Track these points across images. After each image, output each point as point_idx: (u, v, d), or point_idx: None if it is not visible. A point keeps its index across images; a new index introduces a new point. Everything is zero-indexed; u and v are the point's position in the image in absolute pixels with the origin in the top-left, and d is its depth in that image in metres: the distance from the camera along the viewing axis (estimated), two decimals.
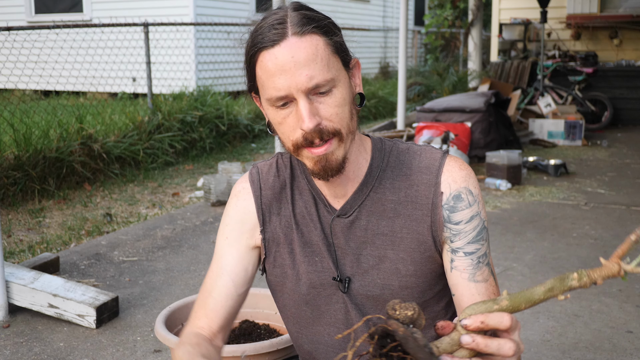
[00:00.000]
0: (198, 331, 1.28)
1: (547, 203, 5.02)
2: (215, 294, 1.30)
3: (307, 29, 1.10)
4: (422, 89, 10.40)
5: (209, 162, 6.68)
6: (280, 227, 1.29)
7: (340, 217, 1.25)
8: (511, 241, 4.08)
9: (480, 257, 1.20)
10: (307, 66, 1.08)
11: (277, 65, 1.09)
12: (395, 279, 1.22)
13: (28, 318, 3.01)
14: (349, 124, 1.15)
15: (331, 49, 1.12)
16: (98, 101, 7.80)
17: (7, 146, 5.25)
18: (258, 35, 1.12)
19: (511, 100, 7.80)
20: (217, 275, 1.31)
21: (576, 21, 9.59)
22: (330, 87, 1.11)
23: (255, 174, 1.32)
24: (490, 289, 1.20)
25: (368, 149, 1.25)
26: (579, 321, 2.93)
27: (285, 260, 1.29)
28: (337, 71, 1.12)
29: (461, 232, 1.20)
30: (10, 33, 6.24)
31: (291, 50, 1.08)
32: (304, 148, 1.13)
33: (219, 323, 1.30)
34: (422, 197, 1.22)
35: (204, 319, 1.30)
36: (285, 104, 1.12)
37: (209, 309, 1.30)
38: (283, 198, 1.30)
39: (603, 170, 6.28)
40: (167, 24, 7.22)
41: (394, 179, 1.24)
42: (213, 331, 1.29)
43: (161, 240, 4.15)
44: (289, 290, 1.31)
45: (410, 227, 1.22)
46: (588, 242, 4.05)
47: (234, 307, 1.31)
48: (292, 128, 1.13)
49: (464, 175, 1.22)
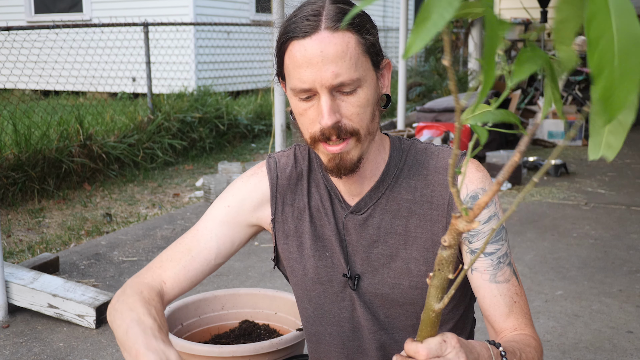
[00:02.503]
0: (158, 285, 1.21)
1: (547, 203, 5.02)
2: (194, 254, 1.24)
3: (341, 25, 1.09)
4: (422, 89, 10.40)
5: (209, 162, 6.67)
6: (292, 219, 1.27)
7: (353, 213, 1.24)
8: (511, 241, 4.08)
9: (501, 257, 1.19)
10: (335, 63, 1.07)
11: (305, 57, 1.08)
12: (405, 278, 1.21)
13: (27, 318, 3.00)
14: (368, 125, 1.14)
15: (362, 48, 1.10)
16: (98, 101, 7.79)
17: (6, 146, 5.25)
18: (292, 24, 1.11)
19: (511, 100, 7.80)
20: (202, 235, 1.26)
21: None
22: (355, 87, 1.10)
23: (272, 163, 1.30)
24: (512, 289, 1.19)
25: (387, 147, 1.25)
26: (579, 321, 2.93)
27: (293, 254, 1.28)
28: (364, 71, 1.11)
29: (479, 233, 1.19)
30: (9, 33, 6.24)
31: (321, 44, 1.07)
32: (321, 143, 1.13)
33: (182, 286, 1.24)
34: (438, 197, 1.21)
35: (169, 273, 1.23)
36: (309, 97, 1.11)
37: (180, 266, 1.23)
38: (299, 189, 1.28)
39: (603, 170, 6.27)
40: (166, 23, 7.21)
41: (410, 178, 1.23)
42: (172, 293, 1.23)
43: (161, 241, 4.15)
44: (294, 285, 1.30)
45: (424, 227, 1.21)
46: (588, 242, 4.04)
47: (203, 275, 1.26)
48: (311, 121, 1.12)
49: (480, 177, 1.21)
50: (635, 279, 3.43)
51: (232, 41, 10.50)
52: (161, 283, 1.22)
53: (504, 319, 1.18)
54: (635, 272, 3.53)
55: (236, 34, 10.54)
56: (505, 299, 1.18)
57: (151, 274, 1.23)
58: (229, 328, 2.06)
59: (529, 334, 1.17)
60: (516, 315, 1.18)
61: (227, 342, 1.97)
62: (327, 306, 1.28)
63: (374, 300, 1.24)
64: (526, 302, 1.22)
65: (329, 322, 1.29)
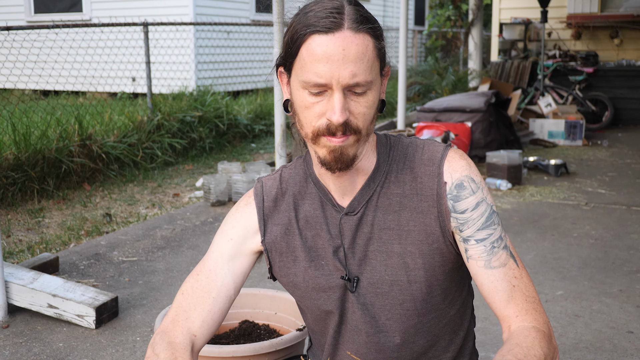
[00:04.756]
0: (189, 343, 1.22)
1: (547, 203, 5.02)
2: (215, 294, 1.26)
3: (363, 27, 1.11)
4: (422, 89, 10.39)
5: (209, 162, 6.67)
6: (280, 236, 1.29)
7: (348, 214, 1.25)
8: (511, 241, 4.07)
9: (495, 242, 1.19)
10: (354, 63, 1.09)
11: (326, 53, 1.09)
12: (403, 273, 1.22)
13: (27, 318, 3.00)
14: (369, 126, 1.17)
15: (377, 53, 1.14)
16: (97, 101, 7.78)
17: (6, 146, 5.24)
18: (312, 17, 1.11)
19: (511, 100, 7.79)
20: (217, 275, 1.27)
21: (577, 21, 9.58)
22: (366, 89, 1.13)
23: (259, 188, 1.34)
24: (510, 273, 1.18)
25: (373, 145, 1.26)
26: (580, 321, 2.92)
27: (290, 269, 1.29)
28: (375, 75, 1.14)
29: (469, 220, 1.19)
30: (9, 33, 6.23)
31: (344, 42, 1.09)
32: (324, 136, 1.14)
33: (211, 330, 1.26)
34: (426, 188, 1.22)
35: (198, 322, 1.24)
36: (319, 92, 1.12)
37: (206, 311, 1.25)
38: (283, 207, 1.30)
39: (603, 170, 6.27)
40: (166, 23, 7.21)
41: (398, 172, 1.24)
42: (203, 340, 1.25)
43: (161, 241, 4.14)
44: (299, 297, 1.32)
45: (417, 220, 1.21)
46: (589, 242, 4.04)
47: (226, 312, 1.28)
48: (317, 115, 1.13)
49: (464, 165, 1.23)
50: (635, 279, 3.42)
51: (232, 41, 10.49)
52: (191, 337, 1.24)
53: (504, 305, 1.17)
54: (636, 272, 3.53)
55: (236, 33, 10.53)
56: (503, 284, 1.17)
57: (180, 330, 1.24)
58: (229, 328, 2.05)
59: (531, 325, 1.14)
60: (516, 300, 1.17)
61: (227, 342, 1.97)
62: (332, 312, 1.28)
63: (375, 301, 1.24)
64: (530, 286, 1.19)
65: (333, 326, 1.29)
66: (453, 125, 6.31)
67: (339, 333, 1.29)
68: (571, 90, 9.05)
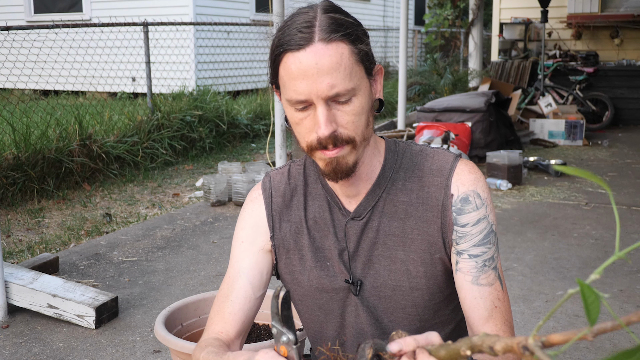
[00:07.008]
0: (216, 336, 1.26)
1: (547, 203, 5.01)
2: (233, 297, 1.28)
3: (334, 36, 1.09)
4: (421, 89, 10.39)
5: (209, 162, 6.67)
6: (290, 234, 1.29)
7: (354, 219, 1.25)
8: (512, 241, 4.07)
9: (487, 261, 1.19)
10: (330, 74, 1.08)
11: (300, 69, 1.09)
12: (405, 280, 1.22)
13: (27, 318, 3.00)
14: (363, 132, 1.15)
15: (355, 58, 1.12)
16: (97, 101, 7.78)
17: (6, 146, 5.24)
18: (285, 35, 1.11)
19: (512, 100, 7.79)
20: (234, 279, 1.30)
21: (577, 21, 9.57)
22: (350, 97, 1.11)
23: (267, 182, 1.34)
24: (494, 294, 1.18)
25: (382, 150, 1.26)
26: (580, 321, 2.92)
27: (296, 267, 1.30)
28: (358, 80, 1.12)
29: (467, 235, 1.19)
30: (9, 32, 6.23)
31: (316, 56, 1.08)
32: (318, 150, 1.14)
33: (237, 327, 1.28)
34: (432, 198, 1.22)
35: (220, 324, 1.28)
36: (304, 107, 1.12)
37: (226, 313, 1.28)
38: (294, 205, 1.30)
39: (604, 170, 6.27)
40: (166, 23, 7.21)
41: (406, 180, 1.24)
42: (230, 337, 1.27)
43: (161, 241, 4.14)
44: (301, 295, 1.32)
45: (421, 229, 1.21)
46: (589, 242, 4.04)
47: (251, 311, 1.30)
48: (308, 130, 1.13)
49: (472, 179, 1.22)
50: (635, 279, 3.42)
51: (232, 41, 10.49)
52: (217, 334, 1.27)
53: (482, 322, 1.17)
54: (636, 272, 3.52)
55: (236, 33, 10.53)
56: (486, 303, 1.17)
57: (207, 334, 1.29)
58: None
59: None
60: (495, 321, 1.17)
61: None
62: (337, 312, 1.29)
63: (377, 305, 1.25)
64: (509, 311, 1.20)
65: (333, 327, 1.30)
66: (453, 125, 6.31)
67: (341, 334, 1.29)
68: (571, 90, 9.05)
